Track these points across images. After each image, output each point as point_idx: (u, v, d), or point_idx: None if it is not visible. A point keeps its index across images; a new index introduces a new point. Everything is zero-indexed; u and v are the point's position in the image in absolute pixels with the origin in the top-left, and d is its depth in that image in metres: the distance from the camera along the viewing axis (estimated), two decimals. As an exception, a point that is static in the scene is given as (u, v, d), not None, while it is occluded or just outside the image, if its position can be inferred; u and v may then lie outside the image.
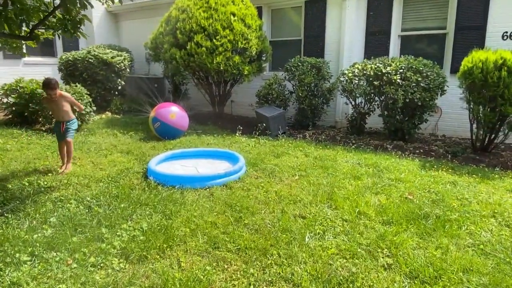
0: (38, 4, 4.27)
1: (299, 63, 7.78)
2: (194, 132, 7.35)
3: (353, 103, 7.27)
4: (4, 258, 2.63)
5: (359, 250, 2.93)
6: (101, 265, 2.66)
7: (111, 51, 9.41)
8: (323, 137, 7.28)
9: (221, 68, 7.40)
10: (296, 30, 9.16)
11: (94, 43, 11.46)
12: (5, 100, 7.42)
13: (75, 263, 2.64)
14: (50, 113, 6.86)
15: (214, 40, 7.38)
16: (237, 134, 7.11)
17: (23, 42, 4.64)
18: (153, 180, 4.33)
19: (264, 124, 7.18)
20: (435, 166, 5.21)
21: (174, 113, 6.64)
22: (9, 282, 2.38)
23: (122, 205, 3.63)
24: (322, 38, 8.62)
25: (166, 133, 6.61)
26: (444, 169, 5.08)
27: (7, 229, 3.10)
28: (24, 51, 10.21)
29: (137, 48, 11.06)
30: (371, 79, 6.63)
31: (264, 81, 8.39)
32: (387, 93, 6.42)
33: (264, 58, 8.61)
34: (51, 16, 3.92)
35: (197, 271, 2.61)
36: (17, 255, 2.67)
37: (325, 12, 8.49)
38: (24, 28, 3.95)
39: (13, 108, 7.42)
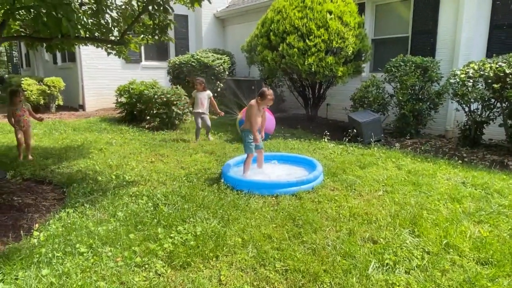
0: (133, 12, 4.63)
1: (401, 63, 6.93)
2: (281, 136, 7.17)
3: (466, 109, 6.15)
4: (66, 247, 2.83)
5: (435, 294, 2.34)
6: (145, 266, 2.65)
7: (212, 55, 9.88)
8: (425, 147, 6.31)
9: (313, 69, 7.05)
10: (403, 26, 8.21)
11: (202, 47, 12.24)
12: (119, 99, 8.39)
13: (122, 261, 2.69)
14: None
15: (307, 41, 7.07)
16: (324, 139, 6.67)
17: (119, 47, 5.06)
18: (224, 183, 4.28)
19: (356, 130, 6.58)
20: None
21: (260, 115, 6.55)
22: (60, 272, 2.53)
23: (185, 206, 3.65)
24: (433, 34, 7.55)
25: (251, 135, 6.56)
26: None
27: (81, 219, 3.37)
28: (143, 56, 11.67)
29: (240, 52, 11.41)
30: (490, 81, 5.49)
31: (361, 83, 7.73)
32: (511, 98, 5.22)
33: (363, 58, 7.94)
34: (139, 22, 4.16)
35: (233, 289, 2.41)
36: (78, 245, 2.85)
37: (438, 4, 7.41)
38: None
39: (126, 107, 8.35)
